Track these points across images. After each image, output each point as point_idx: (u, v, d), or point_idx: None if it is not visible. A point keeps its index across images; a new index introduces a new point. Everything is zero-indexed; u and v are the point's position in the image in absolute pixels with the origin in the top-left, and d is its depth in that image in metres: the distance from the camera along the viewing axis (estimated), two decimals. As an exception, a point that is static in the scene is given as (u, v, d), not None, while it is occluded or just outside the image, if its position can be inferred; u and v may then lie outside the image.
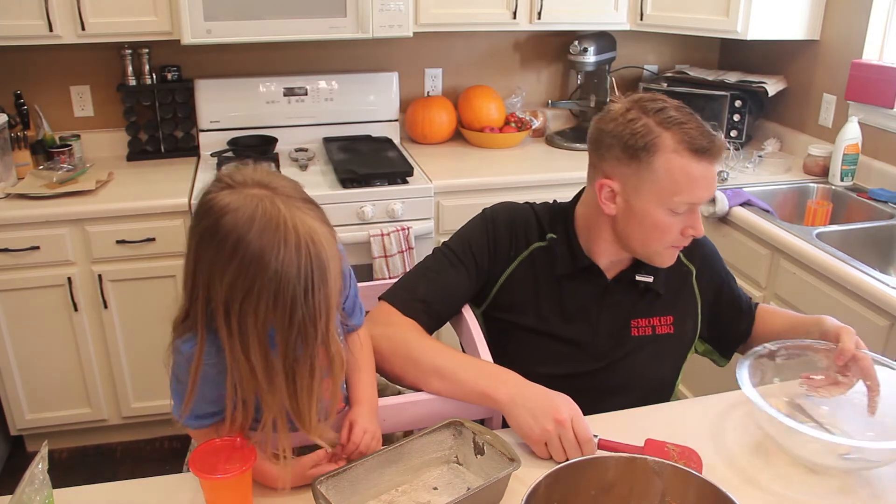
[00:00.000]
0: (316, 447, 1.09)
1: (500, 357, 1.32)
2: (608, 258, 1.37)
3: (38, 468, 0.95)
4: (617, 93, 3.10)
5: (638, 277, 1.38)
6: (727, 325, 1.49)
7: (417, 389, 1.27)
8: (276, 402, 0.98)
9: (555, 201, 1.47)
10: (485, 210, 1.46)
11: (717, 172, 1.27)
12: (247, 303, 0.92)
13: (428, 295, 1.37)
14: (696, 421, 1.26)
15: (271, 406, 0.98)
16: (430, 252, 1.46)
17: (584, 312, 1.39)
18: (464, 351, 1.44)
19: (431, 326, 1.37)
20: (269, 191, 0.94)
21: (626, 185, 1.27)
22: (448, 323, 1.47)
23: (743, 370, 1.20)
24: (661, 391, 1.45)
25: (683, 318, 1.43)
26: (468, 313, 1.41)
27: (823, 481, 1.12)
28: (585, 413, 1.17)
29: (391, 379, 1.33)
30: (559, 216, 1.42)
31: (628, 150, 1.24)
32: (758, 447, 1.19)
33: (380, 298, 1.40)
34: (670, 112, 1.24)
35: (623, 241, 1.34)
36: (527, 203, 1.46)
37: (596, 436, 1.15)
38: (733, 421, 1.26)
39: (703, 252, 1.46)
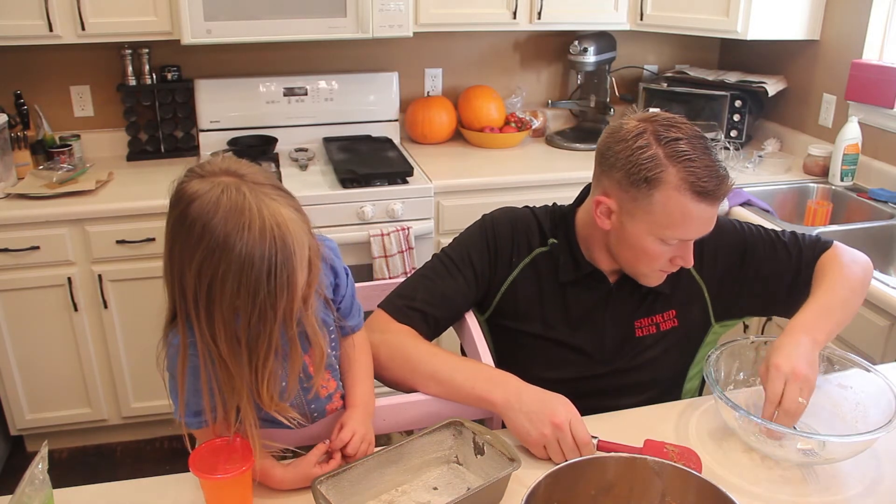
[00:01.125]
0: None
1: (507, 363, 1.31)
2: (609, 263, 1.37)
3: (38, 468, 0.95)
4: (617, 93, 3.10)
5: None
6: (775, 288, 1.40)
7: None
8: (241, 386, 1.00)
9: (554, 204, 1.46)
10: (484, 216, 1.45)
11: (716, 211, 1.24)
12: (213, 286, 0.93)
13: (425, 303, 1.36)
14: (696, 421, 1.26)
15: (238, 391, 1.00)
16: (431, 256, 1.45)
17: (589, 318, 1.38)
18: (465, 355, 1.44)
19: (429, 334, 1.36)
20: (236, 178, 0.96)
21: (623, 207, 1.25)
22: (451, 328, 1.47)
23: (709, 367, 1.22)
24: (673, 384, 1.45)
25: (687, 307, 1.41)
26: (470, 318, 1.41)
27: (821, 481, 1.12)
28: (595, 414, 1.16)
29: (390, 385, 1.33)
30: (560, 221, 1.41)
31: (630, 178, 1.21)
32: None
33: (378, 307, 1.40)
34: (682, 145, 1.19)
35: (614, 256, 1.34)
36: (526, 207, 1.46)
37: (595, 437, 1.15)
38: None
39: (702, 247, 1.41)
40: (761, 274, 1.39)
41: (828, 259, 1.37)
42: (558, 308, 1.38)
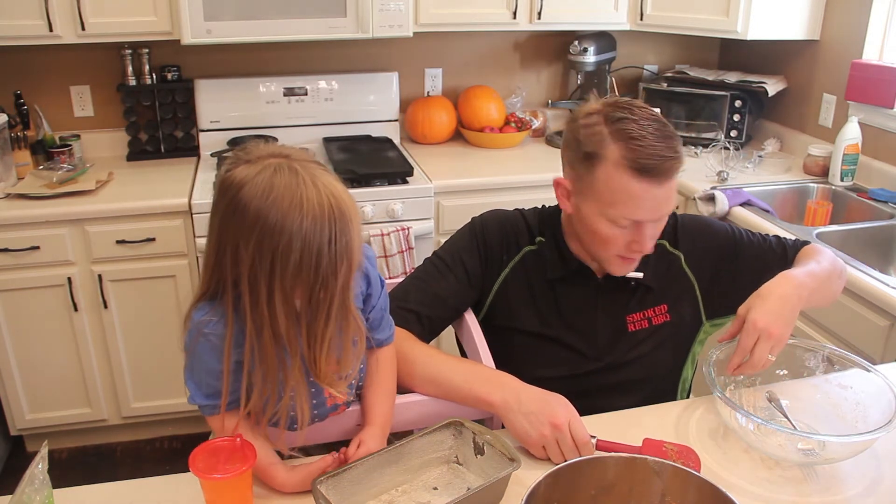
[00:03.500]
0: (319, 452, 1.09)
1: (501, 363, 1.32)
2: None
3: (38, 468, 0.95)
4: (617, 92, 3.11)
5: (628, 274, 1.37)
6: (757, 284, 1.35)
7: None
8: (294, 366, 1.02)
9: (543, 206, 1.47)
10: (473, 219, 1.46)
11: (670, 194, 1.22)
12: (275, 264, 0.94)
13: (418, 304, 1.37)
14: (695, 421, 1.26)
15: (293, 372, 1.02)
16: (424, 260, 1.46)
17: (580, 315, 1.39)
18: (465, 356, 1.44)
19: (424, 335, 1.36)
20: (283, 158, 0.98)
21: (575, 187, 1.28)
22: (452, 328, 1.47)
23: (709, 366, 1.22)
24: (668, 379, 1.45)
25: (678, 303, 1.41)
26: (470, 318, 1.41)
27: (821, 481, 1.12)
28: (591, 412, 1.16)
29: None
30: (547, 220, 1.42)
31: (578, 156, 1.24)
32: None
33: None
34: (629, 125, 1.19)
35: (580, 243, 1.35)
36: (515, 209, 1.47)
37: (594, 437, 1.15)
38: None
39: (687, 235, 1.43)
40: (753, 269, 1.39)
41: (807, 249, 1.42)
42: (549, 306, 1.39)
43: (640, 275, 1.37)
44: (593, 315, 1.38)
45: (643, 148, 1.18)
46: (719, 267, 1.42)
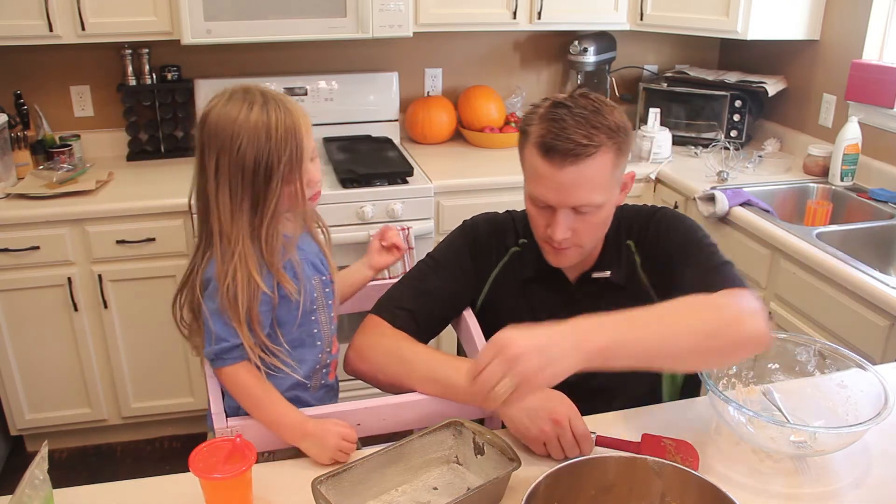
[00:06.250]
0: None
1: None
2: None
3: (38, 468, 0.95)
4: (617, 92, 3.11)
5: (594, 275, 1.36)
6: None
7: None
8: (239, 230, 1.16)
9: None
10: (465, 221, 1.47)
11: (580, 182, 1.19)
12: (226, 150, 1.14)
13: (412, 303, 1.37)
14: (690, 416, 1.26)
15: (236, 236, 1.16)
16: (418, 262, 1.47)
17: (553, 318, 1.35)
18: (465, 355, 1.44)
19: (420, 334, 1.36)
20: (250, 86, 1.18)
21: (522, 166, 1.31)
22: (452, 328, 1.47)
23: None
24: (645, 394, 1.38)
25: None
26: (470, 317, 1.41)
27: (812, 472, 1.12)
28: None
29: (387, 389, 1.33)
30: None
31: (519, 135, 1.29)
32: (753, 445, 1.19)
33: (368, 313, 1.40)
34: (561, 110, 1.20)
35: None
36: (506, 211, 1.48)
37: (593, 433, 1.16)
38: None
39: (649, 237, 1.35)
40: (679, 285, 1.24)
41: (722, 294, 1.15)
42: (526, 307, 1.39)
43: (607, 273, 1.36)
44: (563, 317, 1.37)
45: (554, 130, 1.19)
46: (663, 270, 1.32)
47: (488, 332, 1.39)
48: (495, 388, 0.95)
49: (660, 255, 1.33)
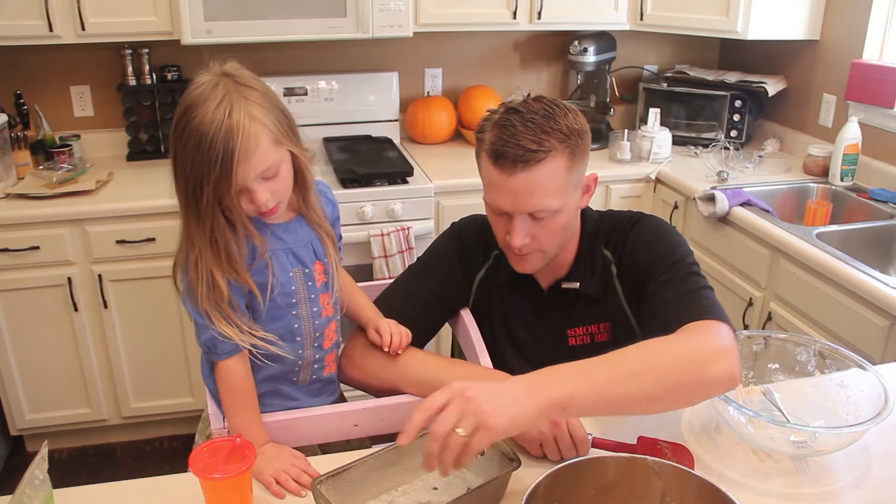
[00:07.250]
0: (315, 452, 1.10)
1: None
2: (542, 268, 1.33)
3: (38, 468, 0.95)
4: (616, 93, 3.11)
5: (564, 285, 1.35)
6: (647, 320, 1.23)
7: None
8: (201, 233, 1.13)
9: None
10: (452, 223, 1.47)
11: (532, 189, 1.17)
12: (181, 151, 1.10)
13: (403, 306, 1.37)
14: (688, 415, 1.26)
15: (196, 238, 1.13)
16: (407, 266, 1.47)
17: (526, 323, 1.38)
18: (464, 356, 1.44)
19: (413, 339, 1.35)
20: (225, 77, 1.21)
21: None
22: (450, 327, 1.47)
23: None
24: None
25: (619, 322, 1.34)
26: (468, 317, 1.42)
27: (812, 472, 1.12)
28: None
29: (381, 394, 1.32)
30: None
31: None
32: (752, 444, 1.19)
33: None
34: (511, 115, 1.19)
35: None
36: None
37: (590, 434, 1.15)
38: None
39: (627, 246, 1.32)
40: (654, 303, 1.23)
41: (692, 333, 1.10)
42: (501, 313, 1.39)
43: (576, 284, 1.34)
44: (536, 324, 1.38)
45: (505, 137, 1.18)
46: (645, 282, 1.27)
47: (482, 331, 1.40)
48: (455, 432, 0.91)
49: (637, 265, 1.29)
